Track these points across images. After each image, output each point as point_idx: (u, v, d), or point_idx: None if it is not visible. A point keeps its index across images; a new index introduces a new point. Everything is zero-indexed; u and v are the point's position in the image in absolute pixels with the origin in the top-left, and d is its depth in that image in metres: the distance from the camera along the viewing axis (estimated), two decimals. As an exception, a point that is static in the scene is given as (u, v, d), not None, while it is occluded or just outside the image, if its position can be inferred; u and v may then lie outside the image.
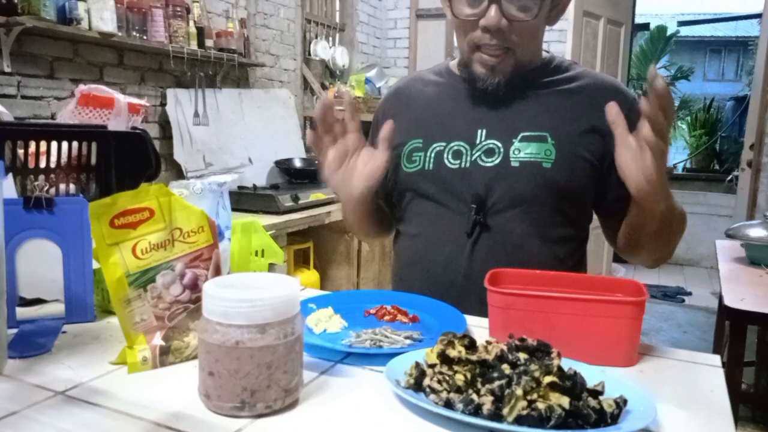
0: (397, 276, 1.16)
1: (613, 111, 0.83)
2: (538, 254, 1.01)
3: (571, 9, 3.77)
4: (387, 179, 1.15)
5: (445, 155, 1.05)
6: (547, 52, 1.11)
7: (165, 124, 2.65)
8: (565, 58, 1.13)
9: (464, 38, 1.01)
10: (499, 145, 1.02)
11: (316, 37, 3.84)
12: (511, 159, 1.01)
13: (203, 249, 0.74)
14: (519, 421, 0.54)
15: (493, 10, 0.93)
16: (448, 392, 0.60)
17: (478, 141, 1.04)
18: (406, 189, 1.11)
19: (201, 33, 2.66)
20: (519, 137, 1.02)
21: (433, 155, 1.06)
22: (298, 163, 3.25)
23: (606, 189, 1.04)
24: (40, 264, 0.83)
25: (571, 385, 0.56)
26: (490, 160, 1.02)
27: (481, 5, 0.95)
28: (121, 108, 1.78)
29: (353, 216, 1.15)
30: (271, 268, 1.02)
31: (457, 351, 0.63)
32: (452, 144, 1.05)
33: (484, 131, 1.04)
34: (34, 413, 0.58)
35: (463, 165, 1.03)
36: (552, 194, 1.00)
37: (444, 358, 0.63)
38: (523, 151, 1.01)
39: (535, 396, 0.56)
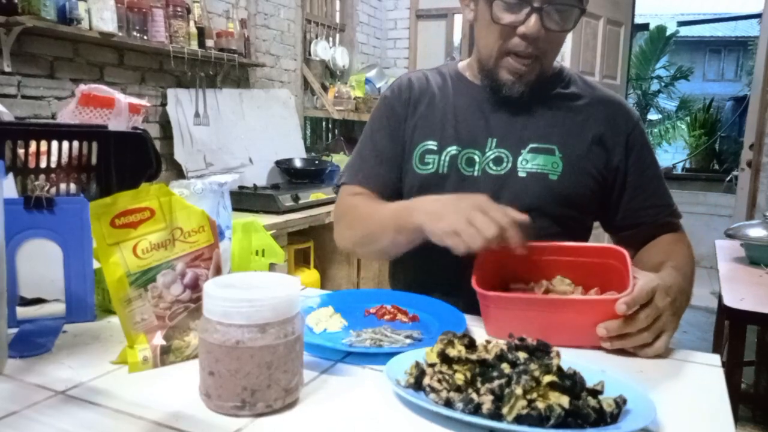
0: (395, 275, 1.16)
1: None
2: None
3: (571, 9, 3.77)
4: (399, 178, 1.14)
5: (459, 161, 1.04)
6: (556, 62, 1.11)
7: (165, 124, 2.65)
8: (571, 69, 1.14)
9: (495, 43, 0.99)
10: (508, 154, 1.02)
11: (317, 38, 3.84)
12: (518, 169, 1.01)
13: (204, 249, 0.74)
14: (519, 420, 0.54)
15: (533, 19, 0.93)
16: (448, 391, 0.60)
17: (488, 149, 1.04)
18: (415, 190, 1.07)
19: (201, 33, 2.66)
20: (528, 148, 1.02)
21: (447, 159, 1.05)
22: (298, 163, 3.25)
23: (615, 210, 1.07)
24: (41, 264, 0.83)
25: (571, 384, 0.56)
26: (498, 168, 1.02)
27: (522, 12, 0.94)
28: (121, 108, 1.78)
29: (406, 244, 0.98)
30: (272, 267, 1.02)
31: (456, 350, 0.63)
32: (465, 150, 1.04)
33: (495, 140, 1.04)
34: (34, 413, 0.59)
35: (475, 173, 1.03)
36: (556, 205, 1.01)
37: (444, 357, 0.63)
38: (531, 162, 1.01)
39: (534, 395, 0.56)
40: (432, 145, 1.06)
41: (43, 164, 1.00)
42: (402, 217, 0.93)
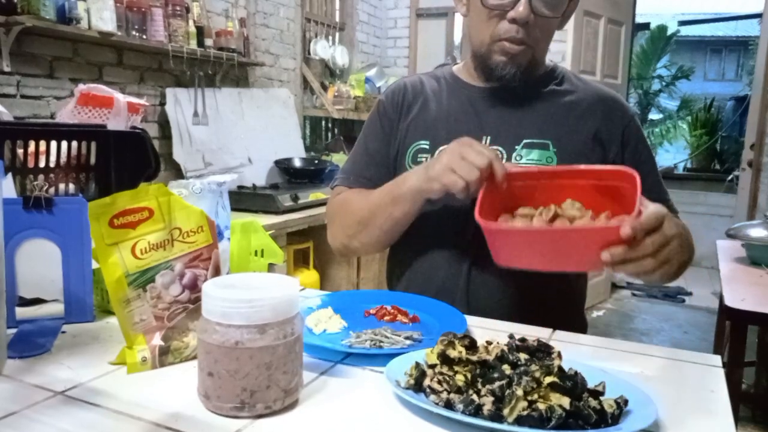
0: (393, 275, 1.16)
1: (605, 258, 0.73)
2: None
3: (571, 8, 3.76)
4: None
5: None
6: (550, 61, 1.12)
7: (164, 124, 2.65)
8: (566, 68, 1.15)
9: (486, 29, 1.00)
10: (503, 151, 1.03)
11: (316, 36, 3.84)
12: None
13: (202, 249, 0.73)
14: (519, 421, 0.54)
15: (522, 3, 0.94)
16: (449, 393, 0.59)
17: None
18: None
19: (200, 32, 2.66)
20: (522, 144, 1.02)
21: None
22: (297, 163, 3.25)
23: None
24: (40, 264, 0.83)
25: (572, 385, 0.56)
26: None
27: None
28: (120, 107, 1.77)
29: (403, 217, 1.00)
30: (271, 268, 1.02)
31: (457, 351, 0.63)
32: None
33: (489, 138, 1.04)
34: (34, 413, 0.58)
35: None
36: None
37: (444, 358, 0.63)
38: (525, 157, 1.02)
39: (535, 396, 0.55)
40: (424, 144, 1.08)
41: (42, 164, 0.99)
42: (395, 188, 0.98)
